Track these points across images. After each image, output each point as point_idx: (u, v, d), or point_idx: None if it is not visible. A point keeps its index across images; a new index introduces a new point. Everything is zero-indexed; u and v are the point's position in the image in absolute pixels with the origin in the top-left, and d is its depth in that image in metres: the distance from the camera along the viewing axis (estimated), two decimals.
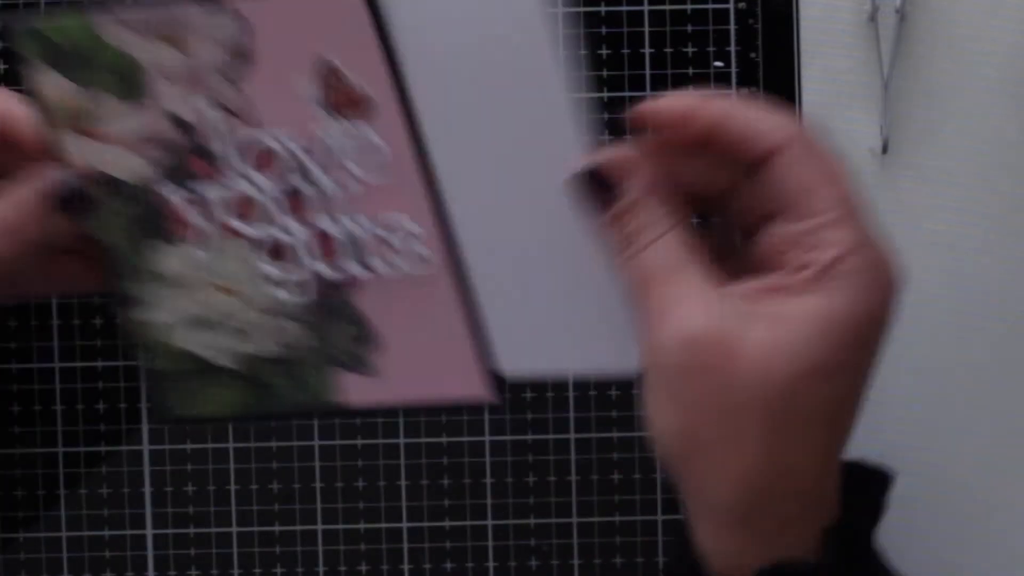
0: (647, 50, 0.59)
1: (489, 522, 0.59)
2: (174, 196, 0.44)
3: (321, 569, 0.59)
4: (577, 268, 0.44)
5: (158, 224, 0.44)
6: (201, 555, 0.59)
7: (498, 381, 0.44)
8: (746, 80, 0.59)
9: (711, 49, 0.59)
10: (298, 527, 0.59)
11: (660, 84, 0.59)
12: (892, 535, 0.60)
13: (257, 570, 0.59)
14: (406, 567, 0.59)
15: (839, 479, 0.45)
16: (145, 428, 0.59)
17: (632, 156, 0.43)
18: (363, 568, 0.59)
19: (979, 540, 0.60)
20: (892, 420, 0.59)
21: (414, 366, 0.44)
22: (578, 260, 0.44)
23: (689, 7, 0.59)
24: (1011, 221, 0.59)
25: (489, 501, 0.59)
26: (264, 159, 0.43)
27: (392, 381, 0.44)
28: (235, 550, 0.59)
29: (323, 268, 0.44)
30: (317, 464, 0.59)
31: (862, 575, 0.46)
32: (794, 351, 0.41)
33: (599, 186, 0.43)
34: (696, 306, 0.41)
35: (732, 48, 0.59)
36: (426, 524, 0.59)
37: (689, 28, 0.59)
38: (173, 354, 0.45)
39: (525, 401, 0.59)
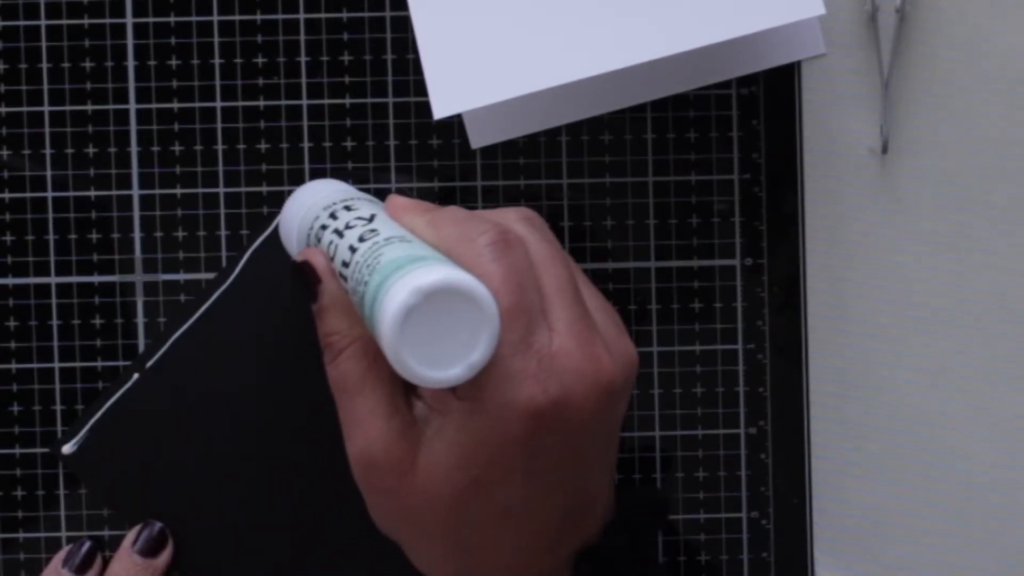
0: None
1: None
2: None
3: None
4: None
5: None
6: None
7: None
8: (745, 81, 0.59)
9: None
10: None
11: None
12: (892, 535, 0.60)
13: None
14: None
15: (565, 553, 0.48)
16: None
17: (325, 264, 0.46)
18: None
19: (979, 540, 0.60)
20: (891, 419, 0.59)
21: None
22: None
23: None
24: (1011, 221, 0.59)
25: None
26: None
27: None
28: None
29: None
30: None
31: None
32: (450, 472, 0.44)
33: (304, 281, 0.46)
34: (372, 428, 0.45)
35: None
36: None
37: None
38: None
39: None
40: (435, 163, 0.59)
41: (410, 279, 0.41)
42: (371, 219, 0.46)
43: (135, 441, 0.58)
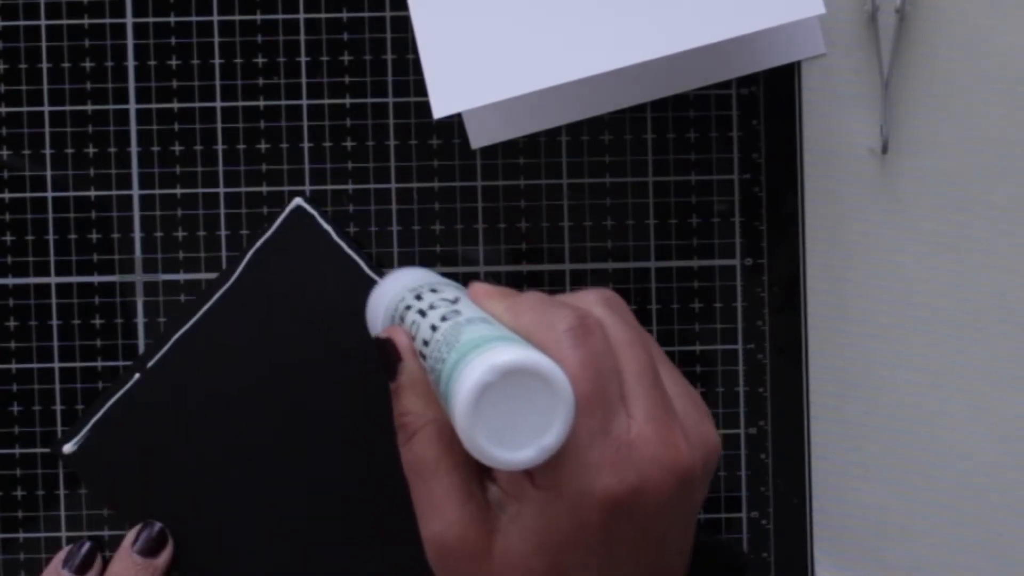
0: None
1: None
2: None
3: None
4: None
5: None
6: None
7: None
8: (745, 81, 0.59)
9: None
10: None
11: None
12: (892, 535, 0.60)
13: None
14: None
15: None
16: None
17: (406, 343, 0.46)
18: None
19: (979, 540, 0.60)
20: (891, 419, 0.59)
21: None
22: None
23: None
24: (1011, 221, 0.59)
25: None
26: None
27: None
28: None
29: None
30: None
31: None
32: (526, 559, 0.44)
33: (384, 356, 0.46)
34: (447, 513, 0.44)
35: None
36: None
37: None
38: None
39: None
40: (435, 163, 0.59)
41: (488, 357, 0.41)
42: (455, 301, 0.46)
43: (135, 441, 0.58)
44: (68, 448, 0.58)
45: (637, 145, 0.59)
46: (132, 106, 0.59)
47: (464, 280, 0.59)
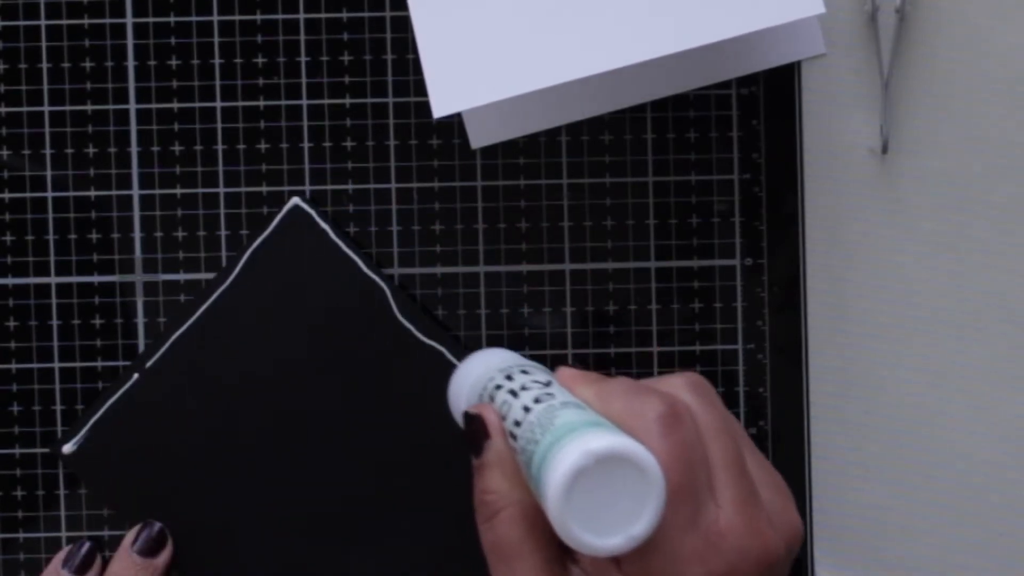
0: None
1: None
2: None
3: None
4: None
5: None
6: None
7: None
8: (745, 81, 0.59)
9: None
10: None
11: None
12: (892, 535, 0.60)
13: None
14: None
15: None
16: None
17: (496, 422, 0.46)
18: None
19: (979, 540, 0.60)
20: (891, 419, 0.59)
21: None
22: None
23: None
24: (1011, 221, 0.59)
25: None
26: None
27: None
28: None
29: None
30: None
31: None
32: None
33: (471, 431, 0.46)
34: None
35: None
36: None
37: None
38: None
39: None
40: (435, 163, 0.59)
41: (583, 441, 0.41)
42: (547, 384, 0.47)
43: (135, 441, 0.58)
44: (68, 448, 0.58)
45: (637, 145, 0.59)
46: (132, 106, 0.59)
47: (465, 279, 0.59)
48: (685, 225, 0.59)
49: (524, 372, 0.48)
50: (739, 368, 0.59)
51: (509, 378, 0.48)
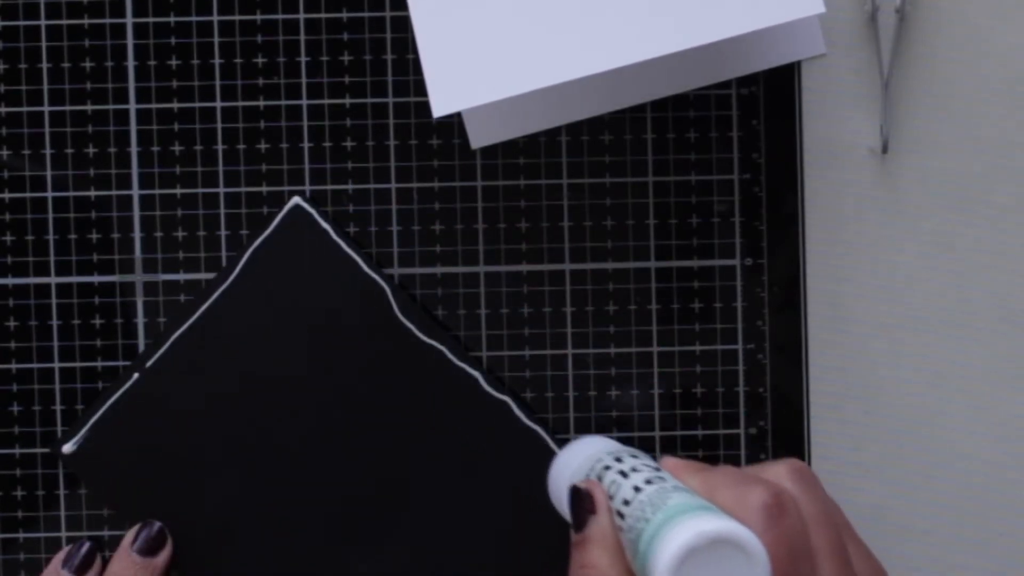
0: None
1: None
2: None
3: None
4: None
5: None
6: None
7: None
8: (745, 81, 0.59)
9: None
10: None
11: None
12: (892, 535, 0.60)
13: None
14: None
15: None
16: None
17: (603, 499, 0.47)
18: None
19: (979, 540, 0.60)
20: (891, 419, 0.59)
21: None
22: None
23: None
24: (1011, 221, 0.59)
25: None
26: None
27: None
28: None
29: None
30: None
31: None
32: None
33: (577, 505, 0.47)
34: None
35: None
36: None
37: None
38: None
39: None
40: (435, 163, 0.59)
41: (695, 523, 0.42)
42: (657, 468, 0.48)
43: (134, 441, 0.58)
44: (68, 448, 0.58)
45: (637, 145, 0.59)
46: (132, 106, 0.59)
47: (465, 279, 0.59)
48: (685, 225, 0.59)
49: (634, 456, 0.49)
50: (739, 368, 0.59)
51: (618, 460, 0.49)
